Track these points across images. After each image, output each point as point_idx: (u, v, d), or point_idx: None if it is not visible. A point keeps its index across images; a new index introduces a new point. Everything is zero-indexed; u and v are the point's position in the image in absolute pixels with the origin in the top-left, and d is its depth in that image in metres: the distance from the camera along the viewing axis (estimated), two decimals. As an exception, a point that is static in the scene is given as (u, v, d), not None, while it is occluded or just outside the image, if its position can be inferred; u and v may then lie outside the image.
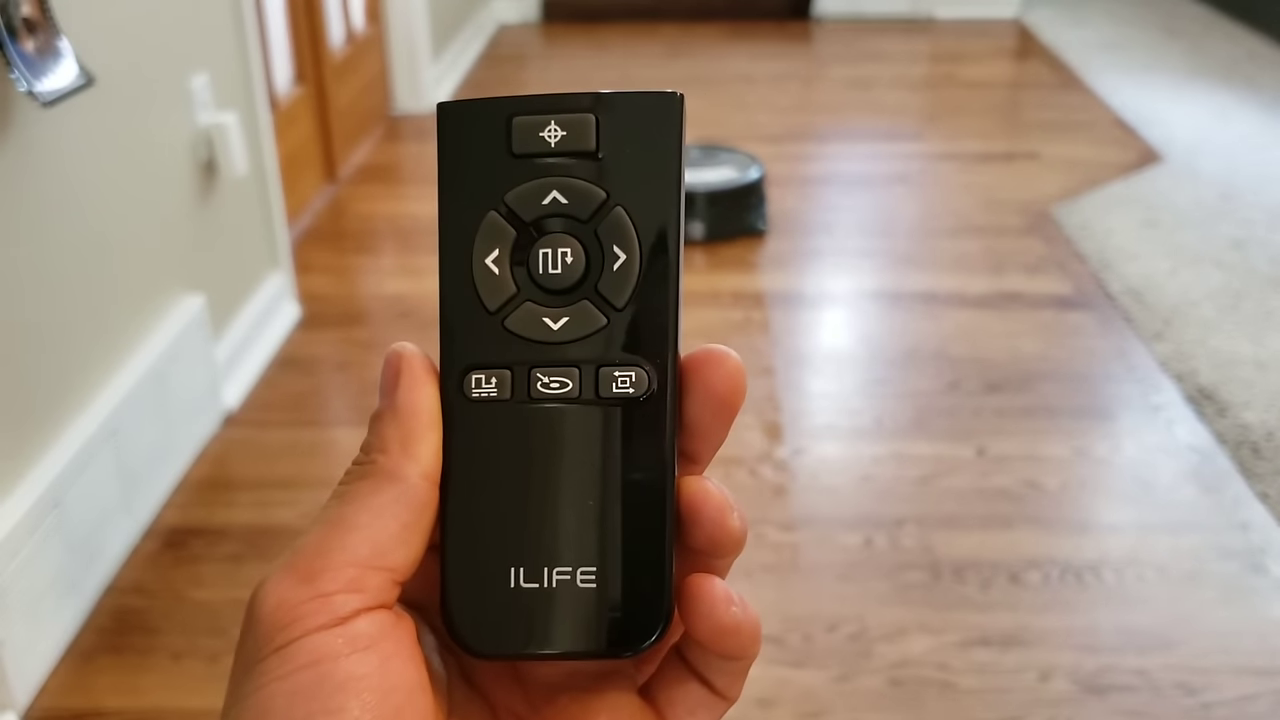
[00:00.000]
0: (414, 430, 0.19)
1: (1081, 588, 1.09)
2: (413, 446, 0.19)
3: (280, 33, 1.86)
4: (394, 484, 0.19)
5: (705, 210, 1.83)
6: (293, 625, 0.17)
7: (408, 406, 0.19)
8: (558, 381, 0.19)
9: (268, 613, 0.18)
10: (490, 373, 0.19)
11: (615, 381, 0.19)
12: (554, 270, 0.20)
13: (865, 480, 1.26)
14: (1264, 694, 0.97)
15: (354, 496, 0.19)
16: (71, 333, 1.04)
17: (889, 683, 0.98)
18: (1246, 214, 1.95)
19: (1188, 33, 3.15)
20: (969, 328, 1.59)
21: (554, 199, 0.20)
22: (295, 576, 0.18)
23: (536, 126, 0.21)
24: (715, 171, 1.89)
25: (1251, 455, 1.29)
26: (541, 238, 0.20)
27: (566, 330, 0.20)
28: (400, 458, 0.19)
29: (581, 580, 0.19)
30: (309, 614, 0.17)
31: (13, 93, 0.92)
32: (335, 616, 0.17)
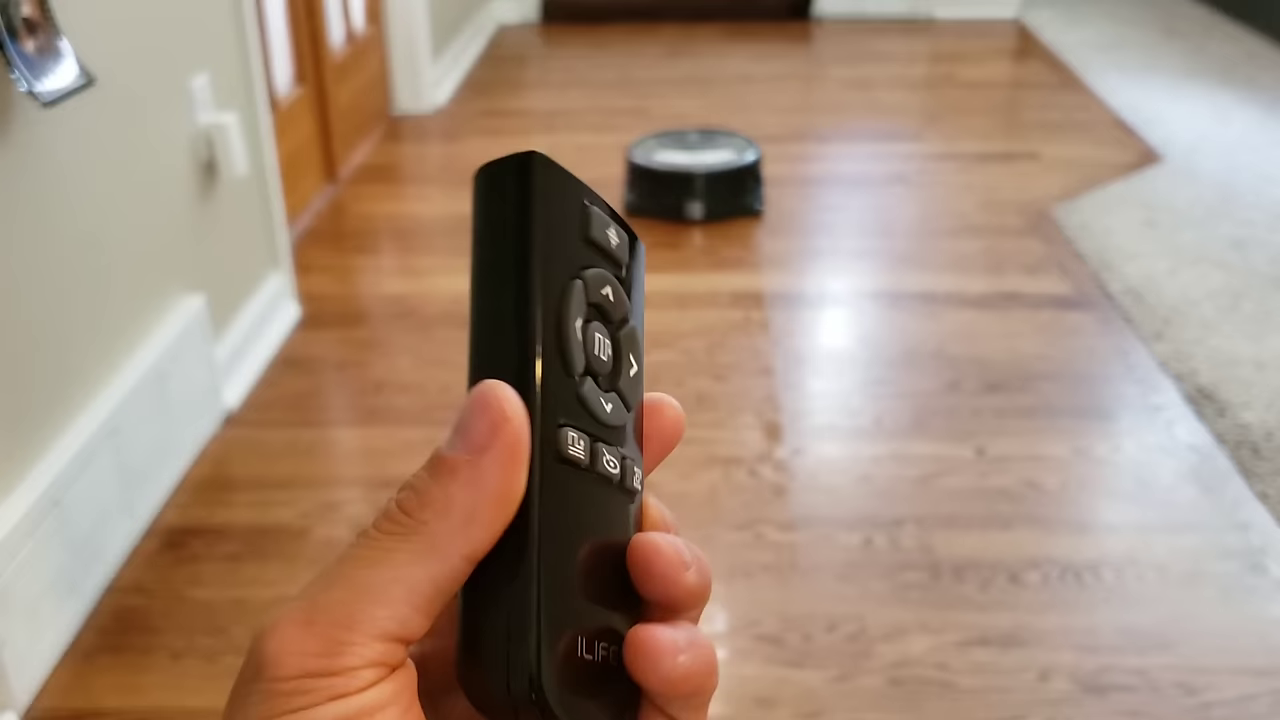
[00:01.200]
0: (485, 510, 0.18)
1: (1081, 588, 1.09)
2: (476, 529, 0.18)
3: (280, 33, 1.87)
4: (437, 561, 0.17)
5: (704, 191, 1.88)
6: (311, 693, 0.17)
7: (495, 484, 0.18)
8: (613, 462, 0.20)
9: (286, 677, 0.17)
10: (579, 435, 0.19)
11: (634, 477, 0.21)
12: (601, 356, 0.20)
13: (865, 480, 1.26)
14: (1263, 694, 0.97)
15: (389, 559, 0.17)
16: (71, 332, 1.04)
17: (888, 682, 0.98)
18: (1246, 214, 1.95)
19: (1187, 33, 3.15)
20: (969, 328, 1.59)
21: (606, 294, 0.21)
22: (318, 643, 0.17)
23: (604, 224, 0.22)
24: (714, 154, 1.94)
25: (1251, 455, 1.29)
26: (591, 324, 0.20)
27: (613, 416, 0.20)
28: (456, 534, 0.18)
29: (613, 655, 0.20)
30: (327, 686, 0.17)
31: (13, 93, 0.92)
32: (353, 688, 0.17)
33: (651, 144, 2.02)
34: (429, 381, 1.46)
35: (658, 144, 2.01)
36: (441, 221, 1.99)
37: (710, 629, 1.05)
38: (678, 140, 2.03)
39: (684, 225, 1.91)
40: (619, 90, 2.69)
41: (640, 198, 1.95)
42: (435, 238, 1.92)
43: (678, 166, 1.91)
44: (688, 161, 1.93)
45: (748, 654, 1.02)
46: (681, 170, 1.90)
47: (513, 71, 2.95)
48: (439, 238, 1.92)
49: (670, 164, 1.92)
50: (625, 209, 1.99)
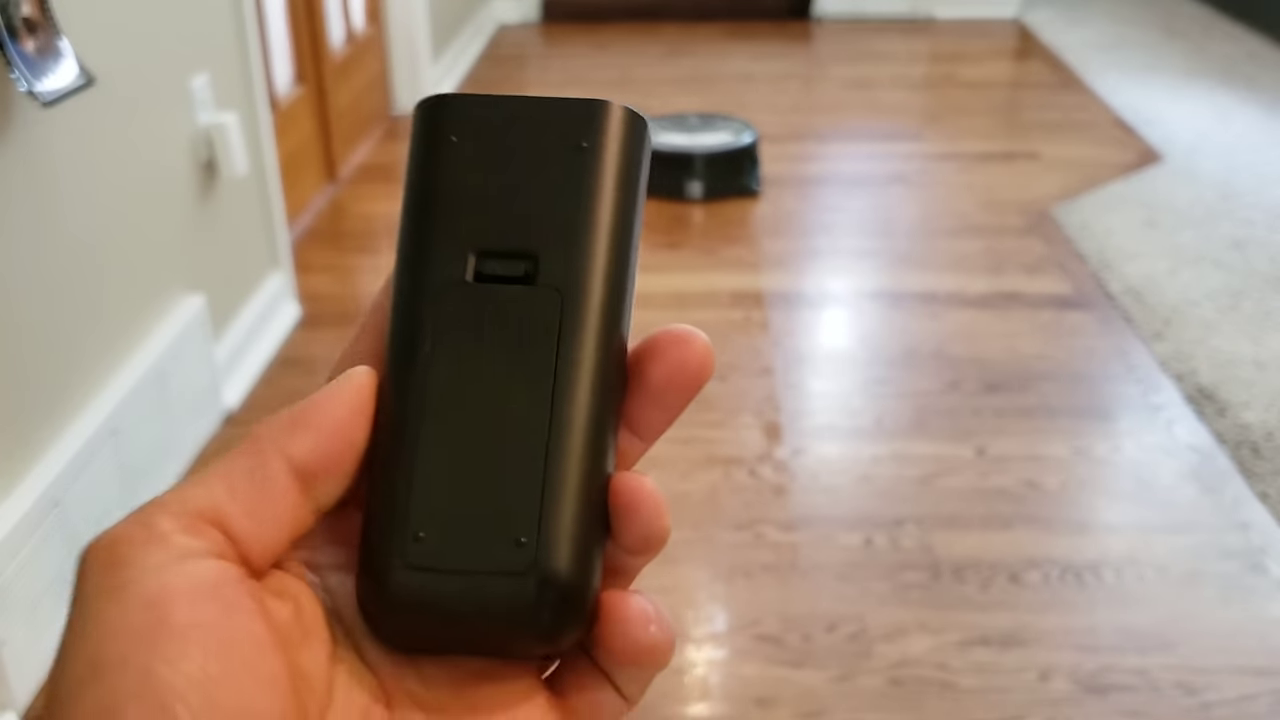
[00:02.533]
0: (313, 417, 0.18)
1: (1081, 587, 1.09)
2: (299, 432, 0.18)
3: (280, 33, 1.87)
4: (253, 454, 0.18)
5: (703, 171, 1.98)
6: (125, 563, 0.16)
7: (327, 399, 0.18)
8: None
9: (99, 552, 0.16)
10: None
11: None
12: None
13: (865, 480, 1.26)
14: (1263, 694, 0.97)
15: (216, 461, 0.18)
16: (72, 332, 1.04)
17: (889, 682, 0.98)
18: (1246, 214, 1.95)
19: (1188, 33, 3.15)
20: (969, 328, 1.59)
21: None
22: (129, 518, 0.17)
23: None
24: (712, 136, 2.04)
25: (1251, 455, 1.29)
26: None
27: None
28: (277, 433, 0.18)
29: None
30: (143, 549, 0.16)
31: (13, 92, 0.92)
32: (172, 553, 0.16)
33: (653, 126, 2.12)
34: (429, 381, 1.46)
35: (659, 126, 2.09)
36: (442, 221, 1.98)
37: (710, 629, 1.05)
38: (678, 123, 2.11)
39: (684, 204, 1.99)
40: (620, 90, 2.69)
41: None
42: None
43: (678, 148, 1.99)
44: (687, 143, 2.01)
45: (748, 654, 1.02)
46: (682, 151, 1.98)
47: (513, 71, 2.95)
48: (439, 237, 1.92)
49: (671, 145, 2.00)
50: None
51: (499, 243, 0.19)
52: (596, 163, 0.20)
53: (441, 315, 0.19)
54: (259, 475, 0.18)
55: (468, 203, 0.20)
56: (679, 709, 0.96)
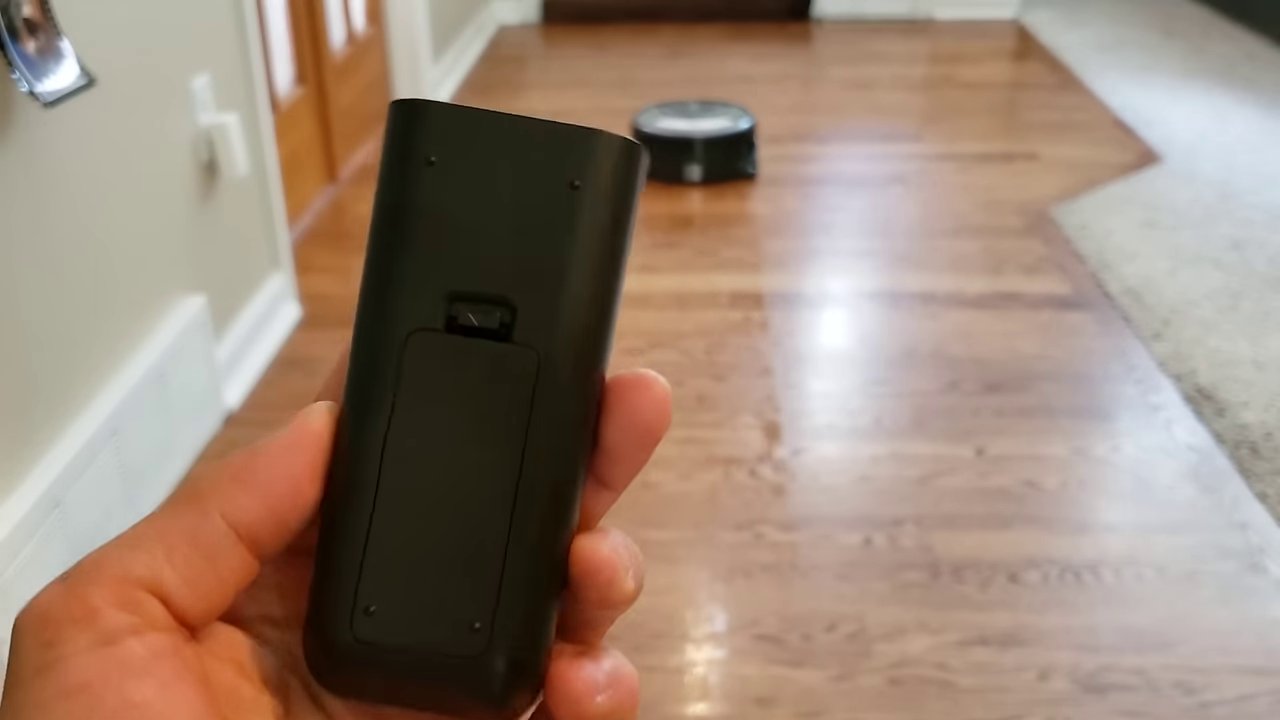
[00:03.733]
0: (257, 473, 0.17)
1: (1080, 587, 1.09)
2: (237, 490, 0.17)
3: (281, 34, 1.87)
4: (195, 513, 0.17)
5: (702, 155, 2.08)
6: (55, 644, 0.15)
7: (266, 453, 0.17)
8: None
9: (29, 626, 0.16)
10: None
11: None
12: None
13: (864, 480, 1.26)
14: (1262, 693, 0.97)
15: (154, 514, 0.17)
16: (73, 332, 1.04)
17: (888, 682, 0.98)
18: (1245, 214, 1.95)
19: (1186, 34, 3.15)
20: (968, 328, 1.60)
21: None
22: (62, 587, 0.16)
23: None
24: (711, 121, 2.14)
25: (1250, 455, 1.29)
26: None
27: None
28: (217, 489, 0.17)
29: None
30: (72, 633, 0.15)
31: (14, 93, 0.92)
32: (101, 634, 0.15)
33: (655, 112, 2.20)
34: (429, 382, 1.47)
35: (660, 113, 2.20)
36: (442, 222, 1.99)
37: (710, 629, 1.05)
38: (679, 110, 2.21)
39: (684, 187, 2.09)
40: (619, 90, 2.69)
41: None
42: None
43: (678, 132, 2.10)
44: (687, 128, 2.11)
45: (748, 654, 1.02)
46: (682, 136, 2.08)
47: (513, 72, 2.95)
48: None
49: (671, 130, 2.11)
50: None
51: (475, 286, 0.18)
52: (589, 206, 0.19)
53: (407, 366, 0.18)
54: (200, 537, 0.17)
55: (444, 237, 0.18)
56: (679, 708, 0.96)
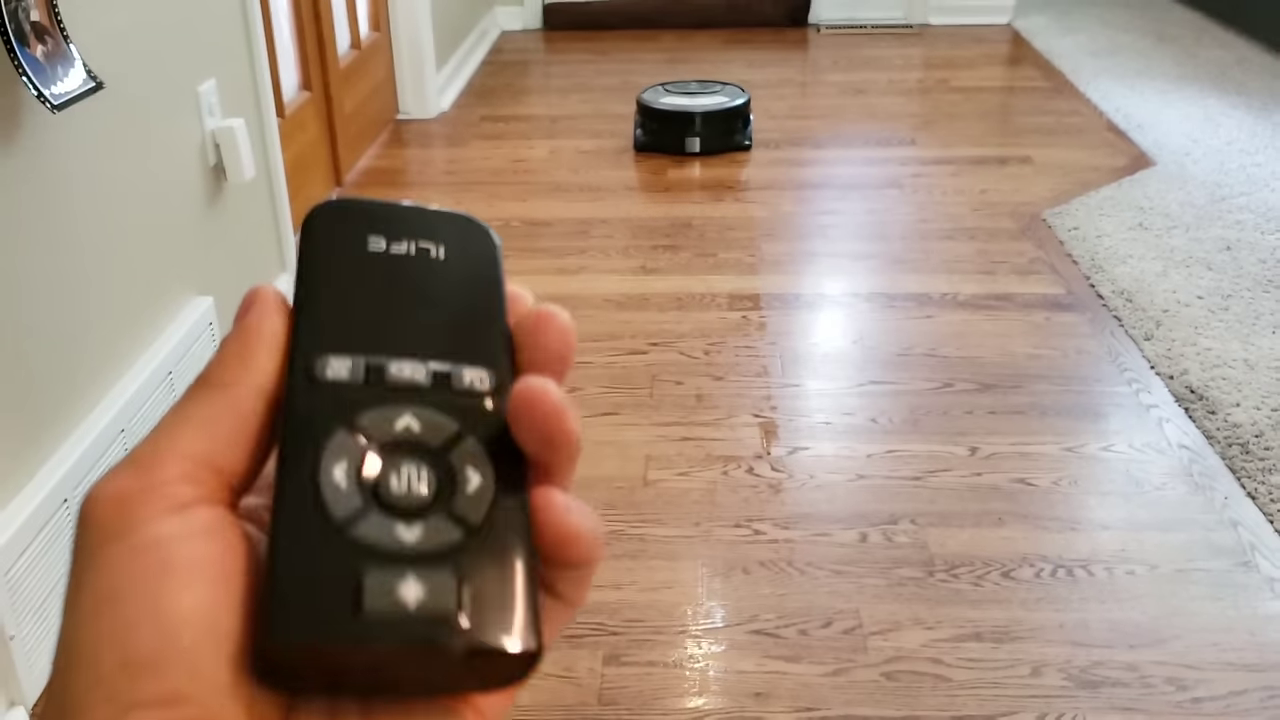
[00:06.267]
0: (251, 346, 0.19)
1: (1073, 584, 1.10)
2: (249, 360, 0.19)
3: (287, 40, 1.88)
4: (222, 392, 0.19)
5: (701, 128, 2.29)
6: (131, 514, 0.17)
7: (250, 326, 0.19)
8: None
9: (104, 505, 0.17)
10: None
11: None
12: (404, 490, 0.18)
13: (860, 478, 1.28)
14: (1253, 689, 0.98)
15: (184, 405, 0.19)
16: (80, 333, 1.05)
17: (883, 676, 1.00)
18: (1236, 216, 1.97)
19: (1179, 38, 3.18)
20: (962, 329, 1.61)
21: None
22: (129, 470, 0.17)
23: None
24: (710, 98, 2.36)
25: (1241, 454, 1.31)
26: (390, 459, 0.18)
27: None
28: (235, 370, 0.19)
29: None
30: (147, 501, 0.17)
31: (23, 97, 0.94)
32: (174, 503, 0.17)
33: (658, 90, 2.43)
34: (431, 383, 1.48)
35: (663, 90, 2.42)
36: (442, 225, 2.00)
37: (708, 624, 1.07)
38: (680, 88, 2.43)
39: (684, 158, 2.29)
40: (620, 96, 2.71)
41: (648, 135, 2.34)
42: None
43: (679, 107, 2.30)
44: (688, 104, 2.32)
45: (745, 648, 1.03)
46: (682, 110, 2.29)
47: (515, 78, 2.97)
48: (440, 241, 1.94)
49: (673, 105, 2.31)
50: (635, 146, 2.34)
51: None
52: None
53: None
54: (234, 408, 0.19)
55: None
56: (677, 703, 0.98)
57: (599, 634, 1.05)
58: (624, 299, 1.69)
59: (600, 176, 2.22)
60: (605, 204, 2.08)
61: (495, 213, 2.05)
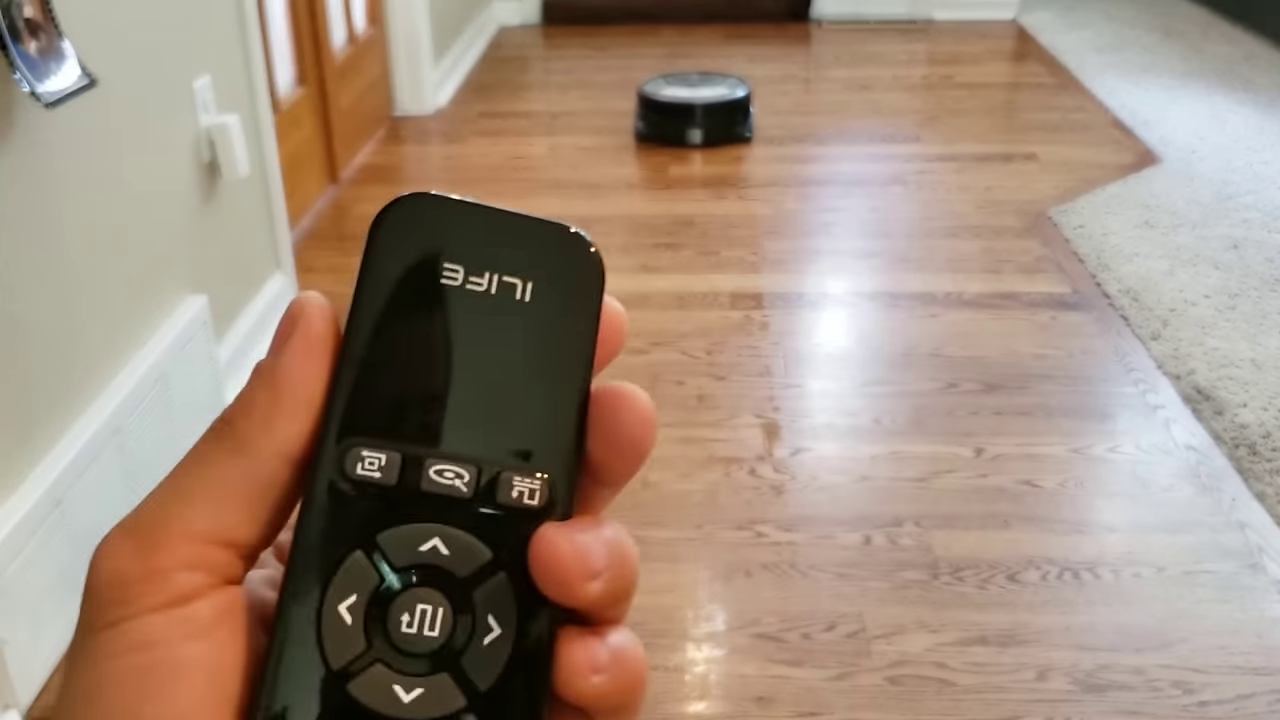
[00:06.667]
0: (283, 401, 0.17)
1: (1079, 587, 1.09)
2: (281, 421, 0.17)
3: (282, 35, 1.87)
4: (247, 457, 0.17)
5: (703, 120, 2.30)
6: (127, 603, 0.16)
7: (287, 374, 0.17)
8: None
9: (102, 585, 0.16)
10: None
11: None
12: (414, 632, 0.17)
13: (864, 480, 1.27)
14: (1261, 693, 0.97)
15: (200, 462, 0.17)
16: (74, 332, 1.04)
17: (887, 681, 0.99)
18: (1244, 214, 1.96)
19: (1185, 34, 3.16)
20: (967, 328, 1.60)
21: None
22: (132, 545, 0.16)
23: None
24: (711, 90, 2.38)
25: (1248, 455, 1.30)
26: (406, 591, 0.17)
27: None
28: (260, 429, 0.17)
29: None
30: (144, 593, 0.16)
31: (15, 94, 0.93)
32: (171, 597, 0.16)
33: (660, 82, 2.44)
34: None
35: (665, 82, 2.44)
36: (442, 222, 2.00)
37: (710, 628, 1.05)
38: (681, 80, 2.46)
39: (686, 154, 2.28)
40: (620, 92, 2.69)
41: (649, 126, 2.34)
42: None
43: (680, 99, 2.32)
44: (689, 95, 2.34)
45: (747, 652, 1.02)
46: (684, 102, 2.31)
47: (513, 73, 2.95)
48: (439, 239, 1.93)
49: (674, 97, 2.33)
50: (636, 137, 2.33)
51: None
52: None
53: None
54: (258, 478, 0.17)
55: None
56: (679, 707, 0.97)
57: (599, 638, 1.04)
58: (624, 298, 1.66)
59: (600, 174, 2.21)
60: (605, 201, 2.07)
61: (495, 210, 2.04)
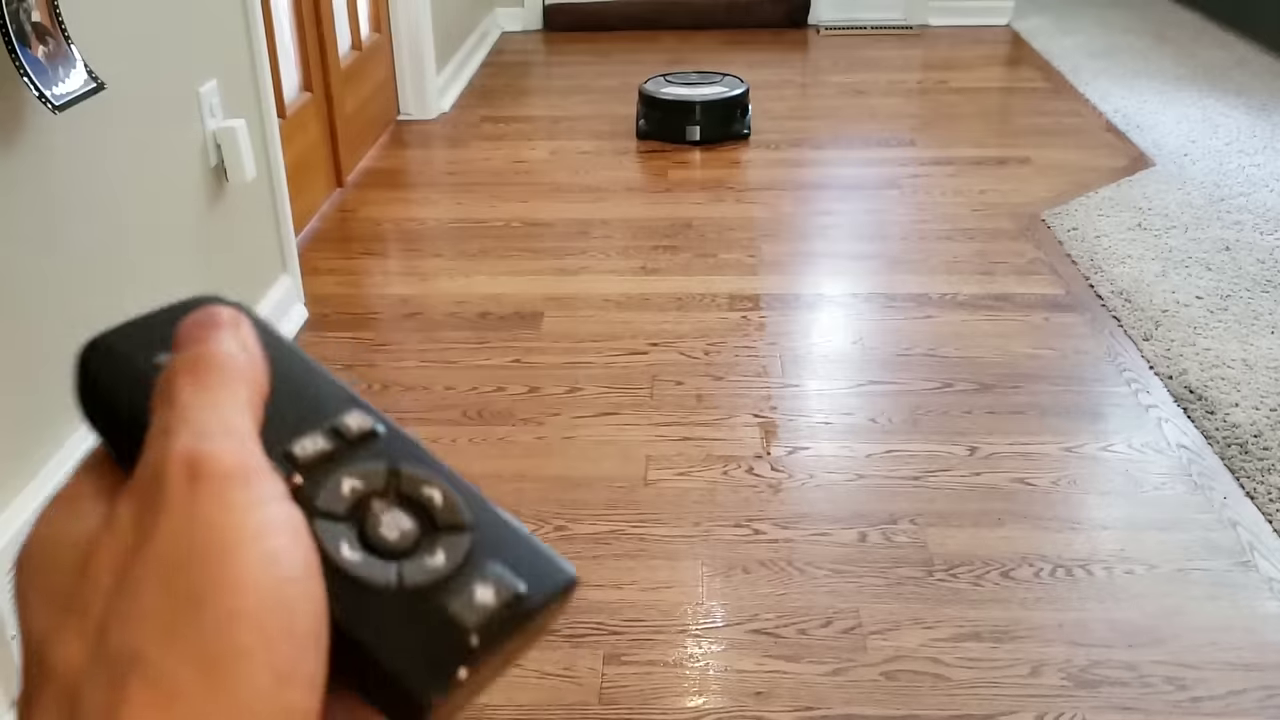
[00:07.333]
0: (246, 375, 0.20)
1: (1072, 583, 1.11)
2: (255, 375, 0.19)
3: (288, 41, 1.89)
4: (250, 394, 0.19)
5: (702, 117, 2.36)
6: (236, 486, 0.17)
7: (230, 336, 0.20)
8: None
9: (233, 469, 0.17)
10: None
11: None
12: (386, 531, 0.18)
13: (860, 478, 1.28)
14: (1252, 688, 0.99)
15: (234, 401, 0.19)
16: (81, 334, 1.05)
17: (883, 676, 1.00)
18: (1236, 217, 1.98)
19: (1178, 39, 3.18)
20: (961, 329, 1.62)
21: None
22: (232, 440, 0.18)
23: None
24: (710, 88, 2.44)
25: (1240, 454, 1.31)
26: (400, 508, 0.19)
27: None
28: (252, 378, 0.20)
29: None
30: (248, 483, 0.17)
31: (24, 98, 0.94)
32: (269, 492, 0.18)
33: (660, 80, 2.50)
34: (434, 381, 1.49)
35: (665, 81, 2.51)
36: (446, 225, 2.01)
37: (708, 624, 1.07)
38: (681, 78, 2.53)
39: (685, 146, 2.35)
40: (620, 97, 2.71)
41: (650, 124, 2.40)
42: (440, 241, 1.95)
43: (680, 97, 2.38)
44: (688, 93, 2.40)
45: (745, 648, 1.04)
46: (683, 100, 2.37)
47: (516, 79, 2.97)
48: (444, 241, 1.94)
49: (674, 95, 2.39)
50: (637, 135, 2.41)
51: None
52: None
53: None
54: None
55: None
56: (677, 702, 0.98)
57: (599, 633, 1.05)
58: (624, 299, 1.70)
59: (601, 177, 2.23)
60: (606, 204, 2.09)
61: (496, 213, 2.05)
